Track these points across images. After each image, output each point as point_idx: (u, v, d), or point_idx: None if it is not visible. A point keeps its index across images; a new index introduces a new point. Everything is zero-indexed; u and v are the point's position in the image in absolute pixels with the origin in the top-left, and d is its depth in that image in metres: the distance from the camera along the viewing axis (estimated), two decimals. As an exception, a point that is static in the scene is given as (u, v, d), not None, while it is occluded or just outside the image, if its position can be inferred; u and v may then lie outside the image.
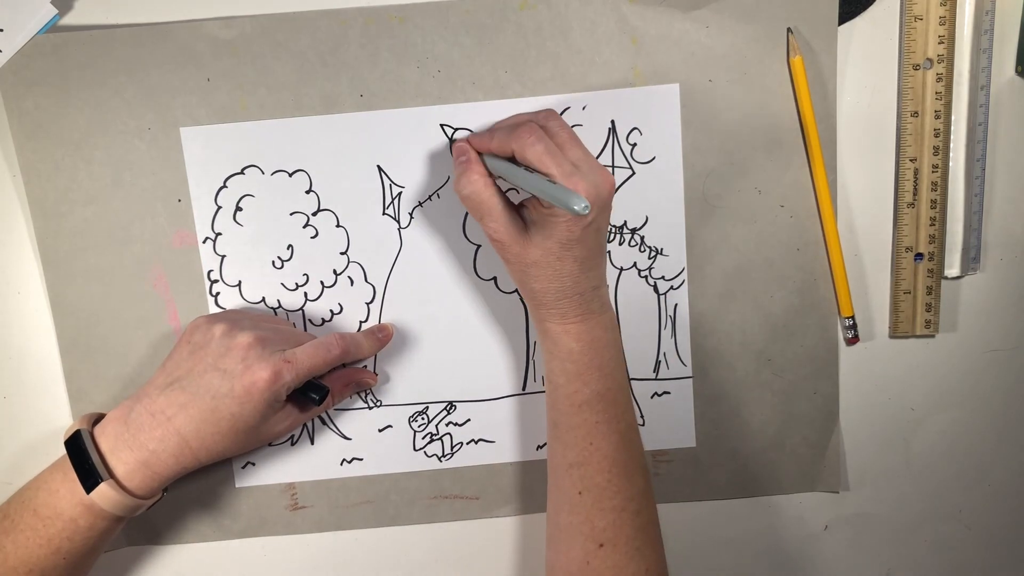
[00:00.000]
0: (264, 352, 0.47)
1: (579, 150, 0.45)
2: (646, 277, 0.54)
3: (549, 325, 0.48)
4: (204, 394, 0.46)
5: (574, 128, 0.52)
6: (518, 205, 0.47)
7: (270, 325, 0.50)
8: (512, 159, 0.45)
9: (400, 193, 0.53)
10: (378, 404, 0.55)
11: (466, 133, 0.52)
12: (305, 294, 0.54)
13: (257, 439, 0.50)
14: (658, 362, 0.55)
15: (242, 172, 0.52)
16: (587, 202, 0.39)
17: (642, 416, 0.55)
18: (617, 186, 0.53)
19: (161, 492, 0.49)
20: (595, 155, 0.52)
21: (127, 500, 0.46)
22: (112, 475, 0.46)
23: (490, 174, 0.47)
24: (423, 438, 0.55)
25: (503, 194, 0.47)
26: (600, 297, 0.48)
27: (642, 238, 0.54)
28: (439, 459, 0.56)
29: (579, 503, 0.47)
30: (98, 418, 0.49)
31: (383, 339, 0.53)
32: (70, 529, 0.46)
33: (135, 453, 0.46)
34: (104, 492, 0.45)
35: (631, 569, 0.47)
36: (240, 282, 0.53)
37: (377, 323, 0.54)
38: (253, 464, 0.55)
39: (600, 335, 0.48)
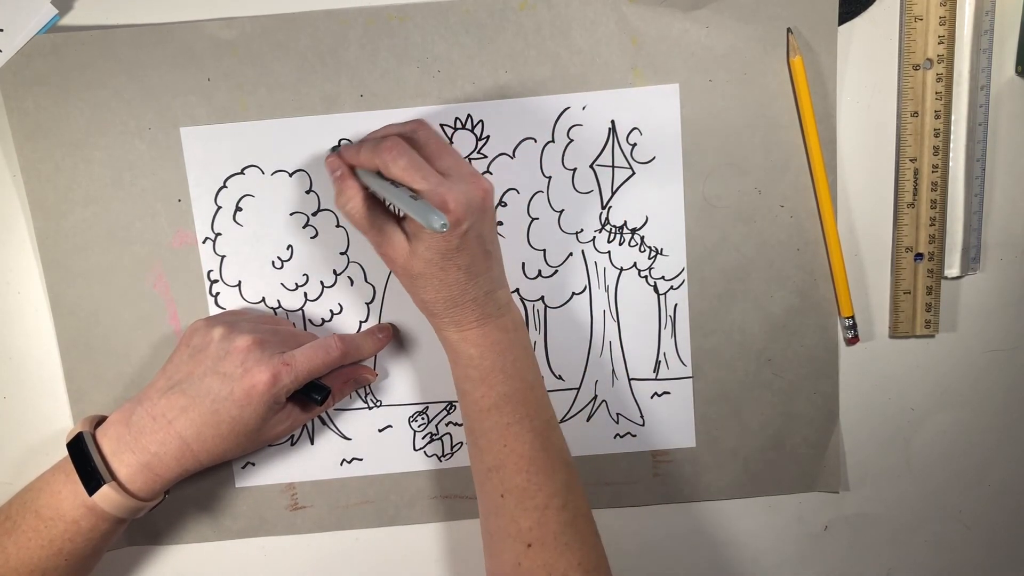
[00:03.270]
0: (263, 355, 0.47)
1: (450, 158, 0.45)
2: (646, 277, 0.54)
3: (446, 334, 0.48)
4: (204, 398, 0.46)
5: (573, 128, 0.52)
6: (401, 217, 0.47)
7: (269, 327, 0.50)
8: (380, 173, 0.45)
9: (400, 193, 0.53)
10: (378, 404, 0.55)
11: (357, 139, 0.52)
12: (305, 294, 0.54)
13: (258, 440, 0.50)
14: (658, 362, 0.55)
15: (242, 172, 0.52)
16: (445, 220, 0.39)
17: (642, 416, 0.56)
18: (617, 186, 0.53)
19: (163, 494, 0.49)
20: (595, 155, 0.52)
21: (129, 502, 0.46)
22: (114, 477, 0.46)
23: (366, 187, 0.46)
24: (423, 438, 0.55)
25: (383, 207, 0.46)
26: (496, 300, 0.48)
27: (642, 238, 0.54)
28: (439, 459, 0.56)
29: (503, 506, 0.47)
30: (99, 420, 0.50)
31: (383, 339, 0.53)
32: (72, 531, 0.46)
33: (137, 456, 0.46)
34: (106, 494, 0.45)
35: (561, 565, 0.46)
36: (240, 282, 0.53)
37: (377, 323, 0.54)
38: (253, 464, 0.55)
39: (500, 338, 0.48)
